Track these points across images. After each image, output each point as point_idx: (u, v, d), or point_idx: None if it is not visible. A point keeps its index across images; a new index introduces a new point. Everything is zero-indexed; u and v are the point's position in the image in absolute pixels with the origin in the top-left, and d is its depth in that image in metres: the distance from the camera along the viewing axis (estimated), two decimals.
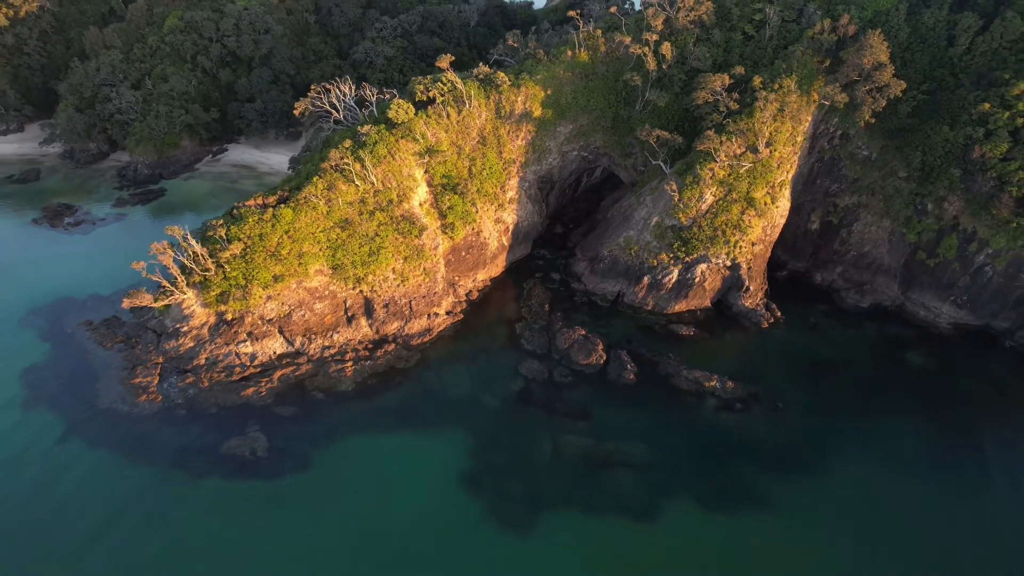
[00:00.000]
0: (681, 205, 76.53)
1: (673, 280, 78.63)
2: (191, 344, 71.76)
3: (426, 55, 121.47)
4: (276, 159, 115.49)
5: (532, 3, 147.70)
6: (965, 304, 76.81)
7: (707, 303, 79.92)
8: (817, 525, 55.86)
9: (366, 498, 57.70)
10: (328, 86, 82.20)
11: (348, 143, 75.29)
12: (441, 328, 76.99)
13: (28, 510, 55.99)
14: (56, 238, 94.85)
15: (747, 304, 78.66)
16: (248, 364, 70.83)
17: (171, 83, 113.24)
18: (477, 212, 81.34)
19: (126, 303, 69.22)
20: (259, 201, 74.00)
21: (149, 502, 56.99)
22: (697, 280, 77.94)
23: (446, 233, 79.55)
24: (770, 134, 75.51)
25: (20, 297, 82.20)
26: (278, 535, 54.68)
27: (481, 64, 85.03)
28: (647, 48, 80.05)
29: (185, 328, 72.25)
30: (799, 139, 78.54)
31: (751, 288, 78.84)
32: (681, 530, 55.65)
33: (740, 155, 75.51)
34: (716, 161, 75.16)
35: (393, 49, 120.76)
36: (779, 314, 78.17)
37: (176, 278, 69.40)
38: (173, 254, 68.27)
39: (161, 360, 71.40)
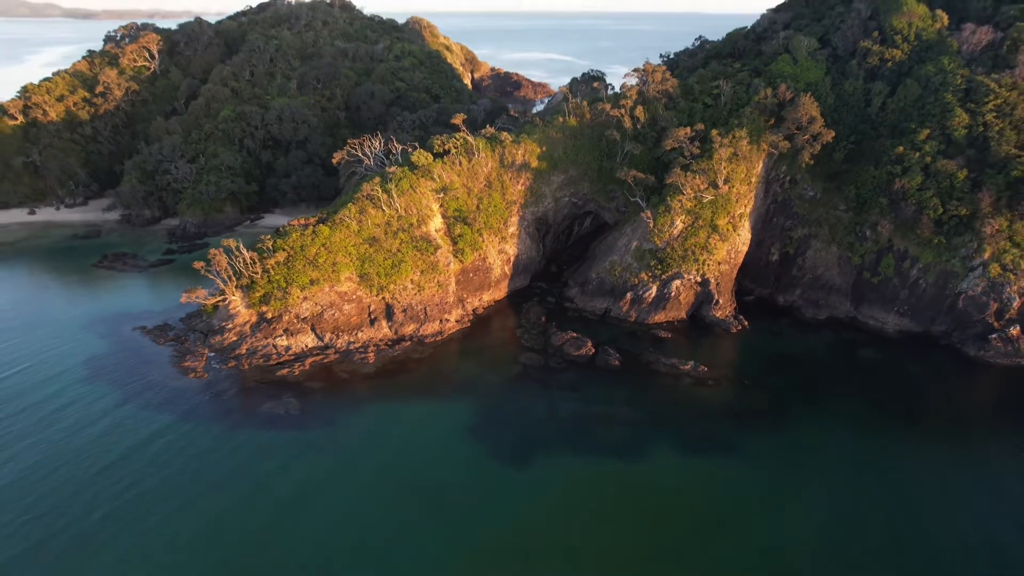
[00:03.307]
0: (656, 230, 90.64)
1: (652, 295, 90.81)
2: (234, 338, 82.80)
3: None
4: None
5: (535, 103, 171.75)
6: (907, 313, 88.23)
7: (683, 315, 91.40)
8: (778, 469, 63.60)
9: (384, 443, 66.34)
10: (362, 140, 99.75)
11: (377, 180, 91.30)
12: (451, 331, 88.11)
13: (93, 453, 64.55)
14: (113, 275, 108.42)
15: (718, 315, 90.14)
16: (283, 353, 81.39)
17: (220, 158, 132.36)
18: (483, 241, 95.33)
19: (184, 298, 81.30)
20: (301, 221, 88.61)
21: (194, 446, 65.46)
22: (673, 294, 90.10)
23: (457, 257, 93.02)
24: (727, 173, 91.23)
25: (80, 312, 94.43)
26: (306, 470, 62.66)
27: (488, 126, 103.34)
28: (624, 111, 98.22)
29: (230, 326, 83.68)
30: (753, 180, 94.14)
31: (720, 301, 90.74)
32: (659, 469, 63.64)
33: (703, 189, 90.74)
34: (683, 194, 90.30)
35: (411, 137, 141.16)
36: (746, 323, 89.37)
37: (228, 281, 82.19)
38: (227, 259, 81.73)
39: (207, 351, 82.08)
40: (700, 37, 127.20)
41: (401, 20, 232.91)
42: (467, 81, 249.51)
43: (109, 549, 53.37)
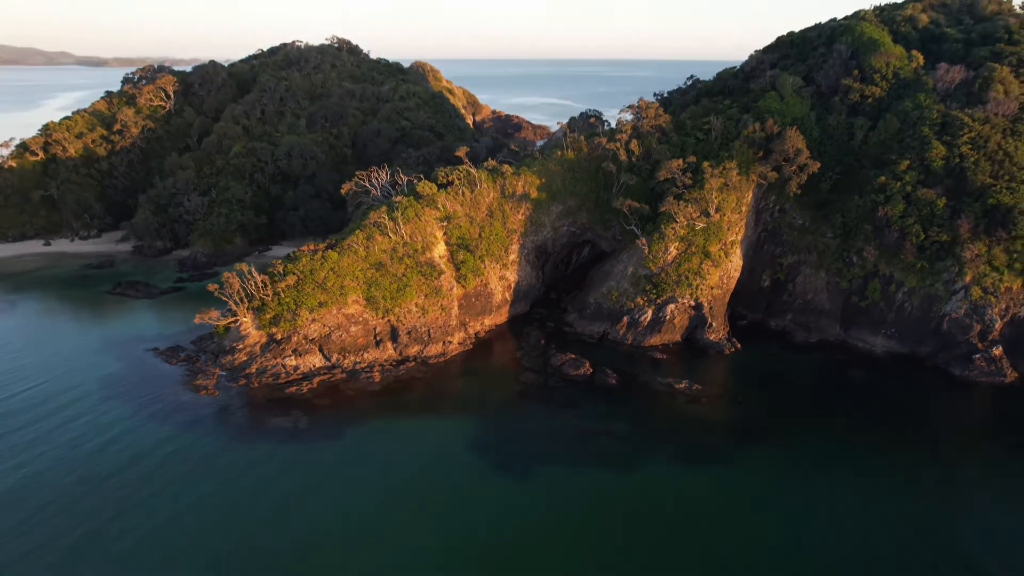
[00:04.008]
0: (651, 257, 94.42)
1: (648, 318, 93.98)
2: (244, 358, 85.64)
3: None
4: None
5: (534, 143, 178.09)
6: (894, 335, 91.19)
7: (678, 338, 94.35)
8: (769, 483, 65.35)
9: (389, 456, 68.60)
10: (369, 171, 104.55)
11: (384, 208, 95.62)
12: (454, 353, 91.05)
13: (102, 460, 66.81)
14: (126, 301, 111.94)
15: (711, 338, 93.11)
16: (292, 373, 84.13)
17: (231, 191, 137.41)
18: (485, 268, 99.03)
19: (198, 319, 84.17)
20: (311, 247, 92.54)
21: (201, 454, 67.68)
22: (668, 318, 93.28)
23: (459, 282, 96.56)
24: (718, 202, 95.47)
25: (94, 335, 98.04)
26: (308, 478, 64.61)
27: (490, 159, 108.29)
28: (619, 145, 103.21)
29: (241, 346, 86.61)
30: (744, 208, 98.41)
31: (714, 325, 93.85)
32: (656, 479, 65.59)
33: (696, 218, 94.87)
34: (676, 222, 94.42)
35: (416, 172, 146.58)
36: (739, 345, 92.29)
37: (240, 303, 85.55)
38: (240, 282, 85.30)
39: (217, 371, 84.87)
40: (692, 76, 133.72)
41: (406, 64, 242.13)
42: (469, 122, 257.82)
43: (112, 548, 55.14)
